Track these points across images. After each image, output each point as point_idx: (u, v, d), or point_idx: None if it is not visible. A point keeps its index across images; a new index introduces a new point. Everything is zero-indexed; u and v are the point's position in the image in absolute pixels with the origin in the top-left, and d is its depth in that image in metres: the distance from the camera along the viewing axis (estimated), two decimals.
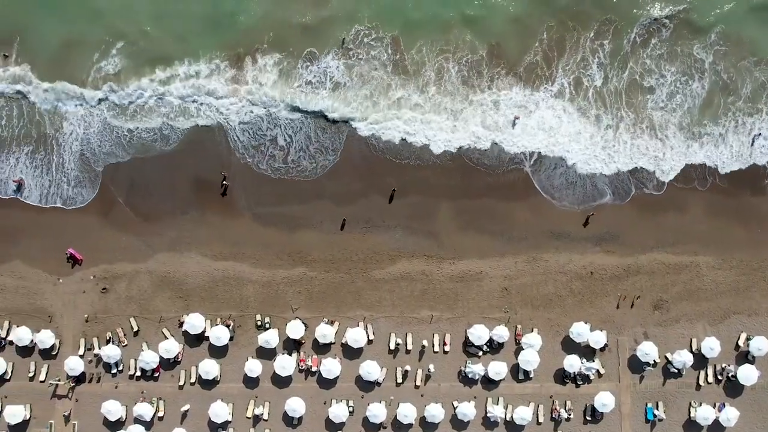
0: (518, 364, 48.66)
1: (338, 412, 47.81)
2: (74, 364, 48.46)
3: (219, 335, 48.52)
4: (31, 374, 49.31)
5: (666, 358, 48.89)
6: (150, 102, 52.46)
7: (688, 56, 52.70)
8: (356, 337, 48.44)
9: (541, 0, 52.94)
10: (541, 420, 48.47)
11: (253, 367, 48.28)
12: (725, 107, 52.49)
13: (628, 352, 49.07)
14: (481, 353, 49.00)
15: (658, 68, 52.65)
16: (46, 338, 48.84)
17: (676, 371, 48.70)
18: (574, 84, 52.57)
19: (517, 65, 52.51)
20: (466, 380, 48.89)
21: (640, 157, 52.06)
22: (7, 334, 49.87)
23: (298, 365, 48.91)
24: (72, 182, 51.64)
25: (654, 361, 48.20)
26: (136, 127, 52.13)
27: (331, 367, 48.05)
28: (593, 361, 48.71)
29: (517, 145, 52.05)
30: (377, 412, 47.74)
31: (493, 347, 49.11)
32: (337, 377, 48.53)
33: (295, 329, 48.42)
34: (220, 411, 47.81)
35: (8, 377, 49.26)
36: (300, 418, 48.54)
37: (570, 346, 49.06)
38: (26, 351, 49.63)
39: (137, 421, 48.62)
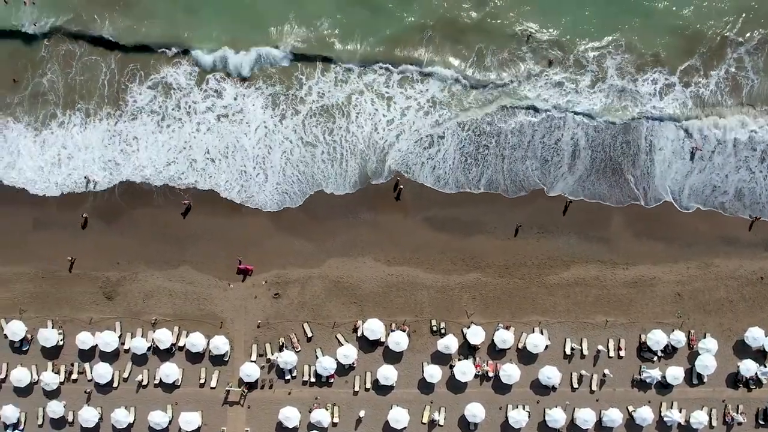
0: (692, 368, 49.13)
1: (518, 417, 47.95)
2: (250, 371, 48.01)
3: (398, 341, 48.31)
4: (201, 381, 48.76)
5: None
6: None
7: None
8: (536, 342, 48.53)
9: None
10: (714, 424, 48.99)
11: (433, 372, 48.16)
12: None
13: None
14: (656, 358, 49.39)
15: None
16: (220, 344, 48.28)
17: None
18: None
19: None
20: (641, 385, 49.24)
21: None
22: (177, 339, 49.26)
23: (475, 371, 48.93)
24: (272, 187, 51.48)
25: None
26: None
27: (511, 372, 48.10)
28: (766, 366, 49.30)
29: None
30: (557, 417, 47.98)
31: (667, 352, 49.52)
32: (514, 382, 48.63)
33: (476, 335, 48.40)
34: (399, 417, 47.71)
35: (179, 383, 48.69)
36: (476, 424, 48.54)
37: (741, 350, 49.61)
38: (196, 357, 49.06)
39: (313, 427, 48.34)
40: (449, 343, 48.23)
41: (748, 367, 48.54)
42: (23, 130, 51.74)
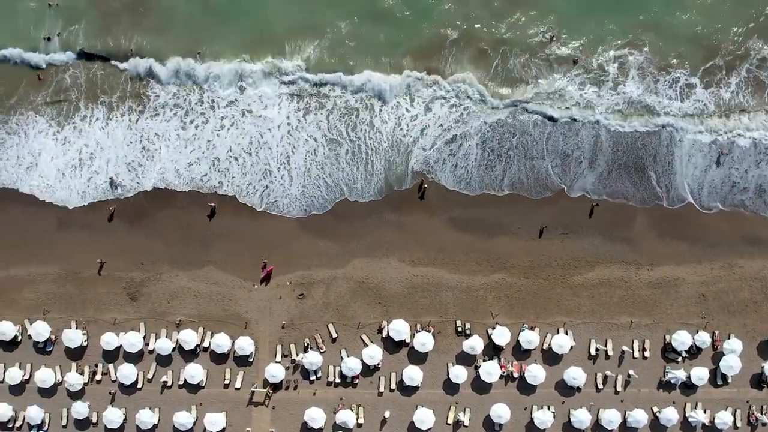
0: (716, 369, 49.19)
1: (544, 418, 47.94)
2: (275, 371, 47.94)
3: (424, 341, 48.25)
4: (226, 381, 48.66)
5: None
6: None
7: None
8: (561, 343, 48.54)
9: None
10: (738, 424, 49.05)
11: (458, 373, 48.14)
12: None
13: None
14: (680, 359, 49.44)
15: None
16: (245, 345, 48.20)
17: None
18: None
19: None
20: (665, 385, 49.27)
21: None
22: (202, 340, 49.12)
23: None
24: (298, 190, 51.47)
25: None
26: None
27: (536, 373, 48.10)
28: None
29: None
30: (582, 417, 47.97)
31: (692, 353, 49.56)
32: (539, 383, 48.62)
33: (501, 335, 48.39)
34: (425, 417, 47.65)
35: (203, 384, 48.58)
36: (501, 425, 48.50)
37: (765, 351, 49.61)
38: (221, 358, 48.95)
39: (338, 427, 48.28)
40: (475, 344, 48.21)
41: None
42: (45, 127, 51.72)
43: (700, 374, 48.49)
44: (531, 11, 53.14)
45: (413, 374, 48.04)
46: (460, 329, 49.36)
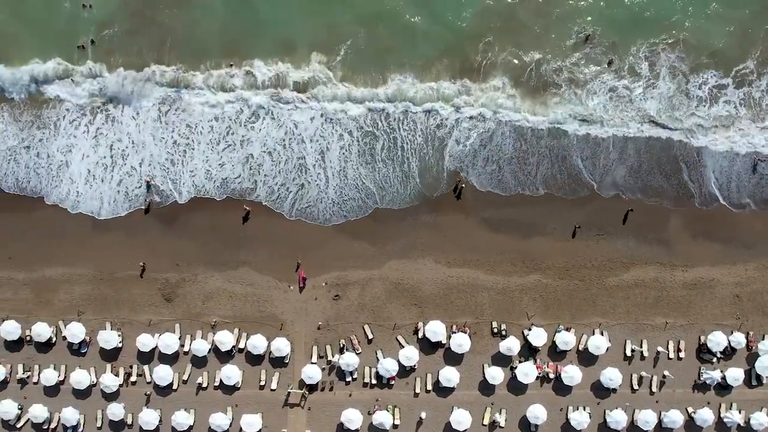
0: (751, 369, 49.34)
1: (580, 418, 48.02)
2: (312, 372, 47.88)
3: (461, 342, 48.26)
4: (262, 383, 48.58)
5: None
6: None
7: None
8: (597, 344, 48.58)
9: None
10: None
11: (495, 374, 48.17)
12: None
13: None
14: (715, 359, 49.57)
15: None
16: (282, 346, 48.12)
17: None
18: None
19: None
20: (700, 386, 49.39)
21: None
22: (237, 342, 49.00)
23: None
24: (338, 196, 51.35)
25: None
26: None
27: (573, 373, 48.17)
28: None
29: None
30: (618, 418, 48.08)
31: (727, 353, 49.69)
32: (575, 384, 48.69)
33: (538, 336, 48.42)
34: (461, 418, 47.69)
35: (239, 386, 48.48)
36: (537, 426, 48.57)
37: None
38: (256, 359, 48.84)
39: (374, 428, 48.27)
40: (511, 345, 48.22)
41: None
42: (78, 116, 51.34)
43: (735, 375, 48.62)
44: (564, 16, 52.86)
45: (449, 375, 48.04)
46: (495, 330, 49.38)
